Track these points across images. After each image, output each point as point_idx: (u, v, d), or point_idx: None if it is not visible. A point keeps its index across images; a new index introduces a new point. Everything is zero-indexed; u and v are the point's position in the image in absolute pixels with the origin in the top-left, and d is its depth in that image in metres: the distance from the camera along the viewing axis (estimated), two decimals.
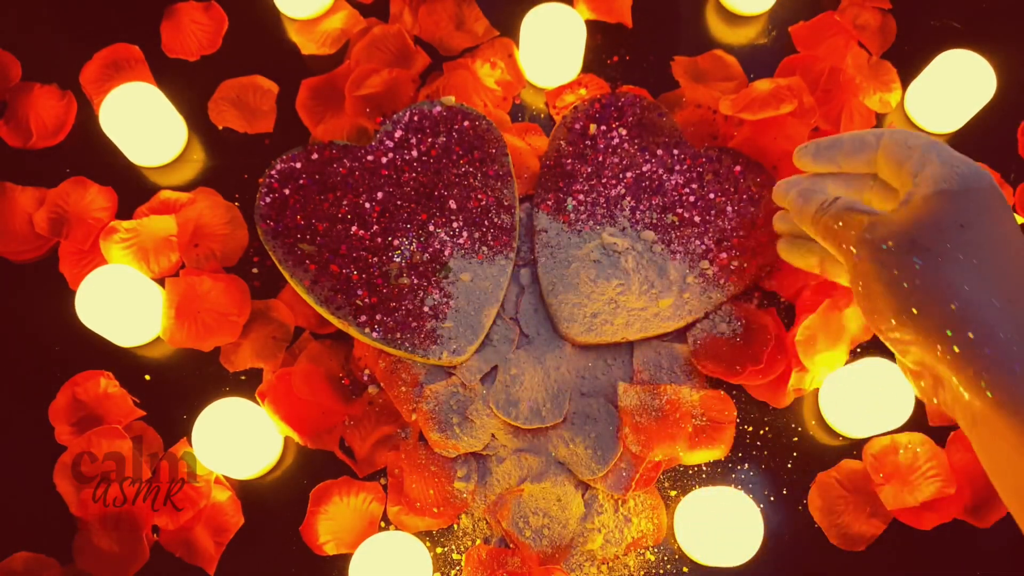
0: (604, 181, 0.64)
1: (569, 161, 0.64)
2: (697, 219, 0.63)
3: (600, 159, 0.64)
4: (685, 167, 0.64)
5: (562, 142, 0.65)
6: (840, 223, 0.48)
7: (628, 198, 0.63)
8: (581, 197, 0.64)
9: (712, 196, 0.64)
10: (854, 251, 0.46)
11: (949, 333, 0.40)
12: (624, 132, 0.65)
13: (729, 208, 0.63)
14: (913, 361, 0.44)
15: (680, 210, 0.63)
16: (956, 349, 0.40)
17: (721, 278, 0.62)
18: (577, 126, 0.66)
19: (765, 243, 0.63)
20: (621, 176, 0.64)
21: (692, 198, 0.63)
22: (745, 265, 0.62)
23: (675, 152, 0.65)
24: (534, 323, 0.65)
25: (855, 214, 0.47)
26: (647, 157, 0.65)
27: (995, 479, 0.43)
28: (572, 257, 0.61)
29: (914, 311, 0.42)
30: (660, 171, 0.64)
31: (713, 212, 0.63)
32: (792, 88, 0.69)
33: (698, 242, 0.63)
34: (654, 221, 0.63)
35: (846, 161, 0.53)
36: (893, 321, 0.43)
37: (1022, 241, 0.43)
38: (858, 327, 0.66)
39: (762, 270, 0.64)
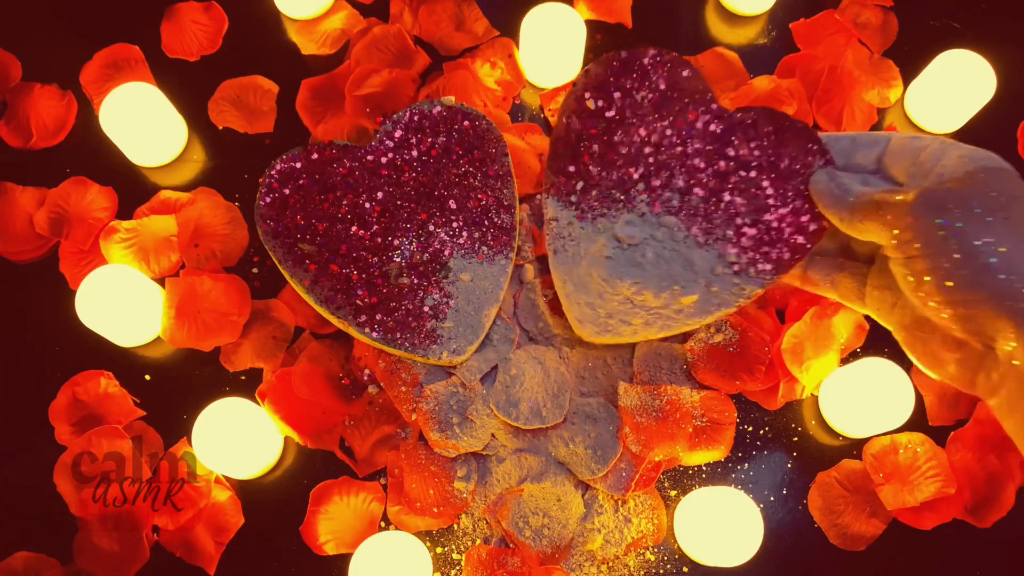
0: (619, 159, 0.54)
1: (578, 138, 0.55)
2: (729, 197, 0.53)
3: (614, 134, 0.54)
4: (715, 135, 0.53)
5: (571, 116, 0.55)
6: (880, 205, 0.44)
7: (647, 177, 0.54)
8: (593, 180, 0.55)
9: (747, 167, 0.53)
10: (895, 233, 0.43)
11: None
12: (647, 97, 0.54)
13: (767, 182, 0.52)
14: (968, 331, 0.42)
15: (707, 187, 0.53)
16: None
17: (757, 265, 0.53)
18: (587, 95, 0.56)
19: (808, 224, 0.52)
20: (639, 152, 0.54)
21: (723, 171, 0.53)
22: (786, 250, 0.52)
23: (704, 118, 0.54)
24: (532, 319, 0.65)
25: (895, 193, 0.44)
26: (670, 127, 0.54)
27: None
28: (583, 252, 0.55)
29: (969, 276, 0.40)
30: (685, 142, 0.53)
31: (749, 186, 0.53)
32: (792, 91, 0.69)
33: (730, 224, 0.53)
34: (678, 203, 0.53)
35: (861, 155, 0.51)
36: (950, 284, 0.40)
37: None
38: (848, 334, 0.66)
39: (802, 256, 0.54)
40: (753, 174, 0.52)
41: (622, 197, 0.54)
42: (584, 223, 0.55)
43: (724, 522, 0.58)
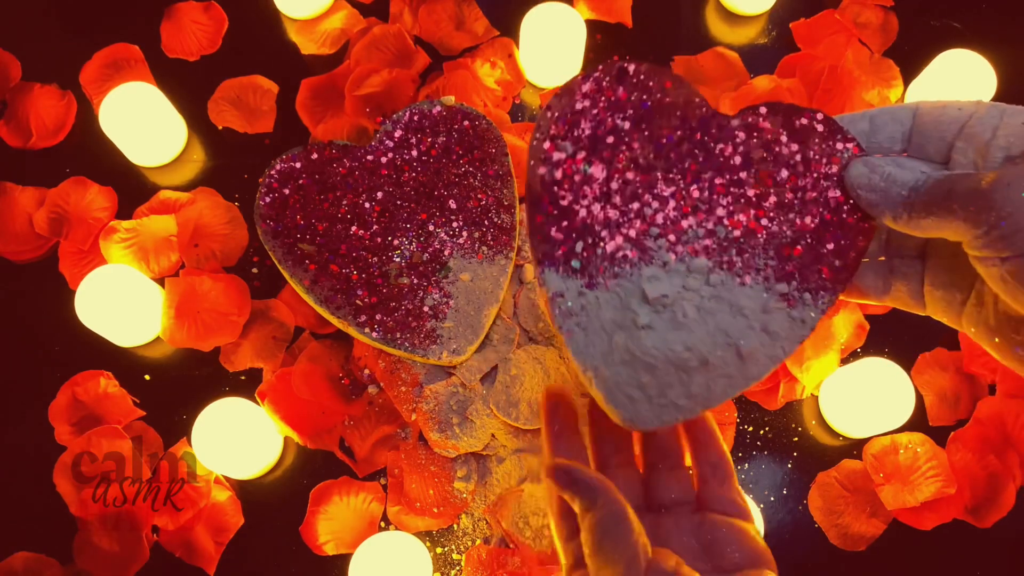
0: (619, 204, 0.44)
1: (557, 188, 0.44)
2: (762, 221, 0.45)
3: (602, 177, 0.44)
4: (724, 152, 0.45)
5: (545, 166, 0.43)
6: (951, 198, 0.36)
7: (659, 218, 0.44)
8: (594, 236, 0.44)
9: (771, 181, 0.45)
10: (977, 231, 0.35)
11: None
12: (630, 120, 0.44)
13: (794, 188, 0.44)
14: None
15: (733, 215, 0.44)
16: None
17: (811, 288, 0.44)
18: (551, 144, 0.45)
19: (855, 226, 0.44)
20: (641, 190, 0.44)
21: (746, 192, 0.45)
22: (838, 262, 0.44)
23: (705, 136, 0.45)
24: (532, 319, 0.65)
25: (965, 179, 0.36)
26: (668, 153, 0.45)
27: None
28: (607, 324, 0.43)
29: None
30: (691, 167, 0.45)
31: (779, 203, 0.45)
32: (792, 92, 0.69)
33: (768, 249, 0.45)
34: (703, 241, 0.44)
35: (884, 136, 0.42)
36: None
37: None
38: (848, 334, 0.66)
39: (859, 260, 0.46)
40: (776, 184, 0.45)
41: (636, 248, 0.44)
42: (598, 290, 0.43)
43: None
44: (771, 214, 0.44)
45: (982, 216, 0.34)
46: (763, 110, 0.45)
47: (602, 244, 0.43)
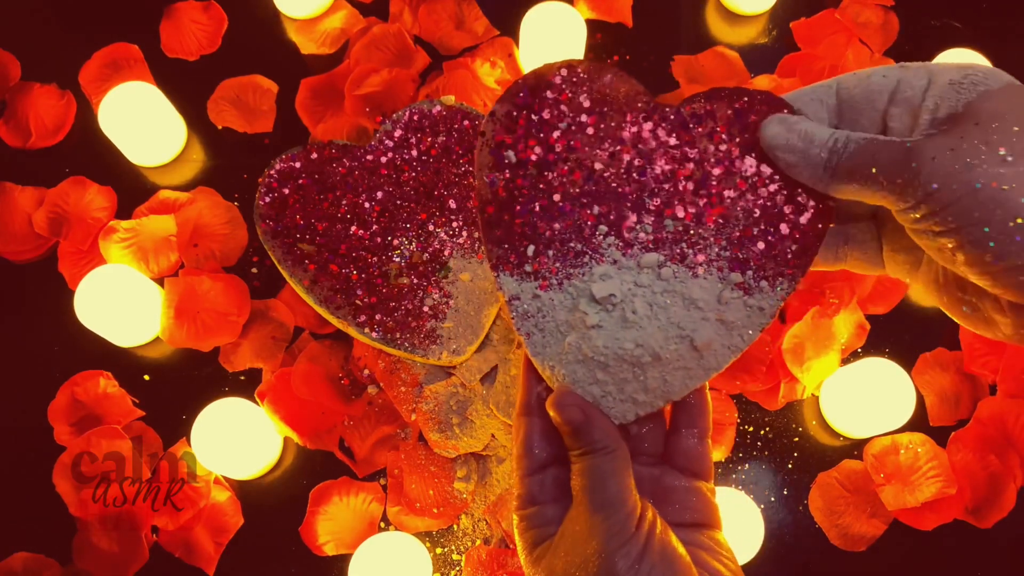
0: (565, 205, 0.44)
1: (509, 195, 0.44)
2: (712, 210, 0.44)
3: (548, 177, 0.44)
4: (668, 142, 0.44)
5: (491, 172, 0.44)
6: (873, 167, 0.34)
7: (606, 215, 0.44)
8: (544, 239, 0.44)
9: (718, 167, 0.43)
10: (901, 204, 0.33)
11: None
12: (574, 121, 0.44)
13: (743, 176, 0.43)
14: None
15: (681, 205, 0.43)
16: None
17: (768, 276, 0.43)
18: (502, 142, 0.45)
19: (808, 203, 0.42)
20: (585, 188, 0.44)
21: (692, 182, 0.43)
22: (794, 246, 0.42)
23: (648, 125, 0.44)
24: None
25: (885, 144, 0.34)
26: (610, 146, 0.44)
27: None
28: (562, 325, 0.43)
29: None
30: (635, 160, 0.44)
31: (728, 190, 0.43)
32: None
33: (720, 237, 0.44)
34: (651, 235, 0.43)
35: (811, 112, 0.40)
36: (989, 259, 0.31)
37: None
38: (849, 334, 0.66)
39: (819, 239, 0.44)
40: (724, 170, 0.43)
41: (586, 249, 0.44)
42: (551, 291, 0.44)
43: (725, 523, 0.58)
44: (722, 203, 0.43)
45: (908, 189, 0.32)
46: (703, 97, 0.44)
47: (553, 246, 0.43)
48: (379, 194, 0.65)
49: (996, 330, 0.35)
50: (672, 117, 0.44)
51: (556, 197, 0.44)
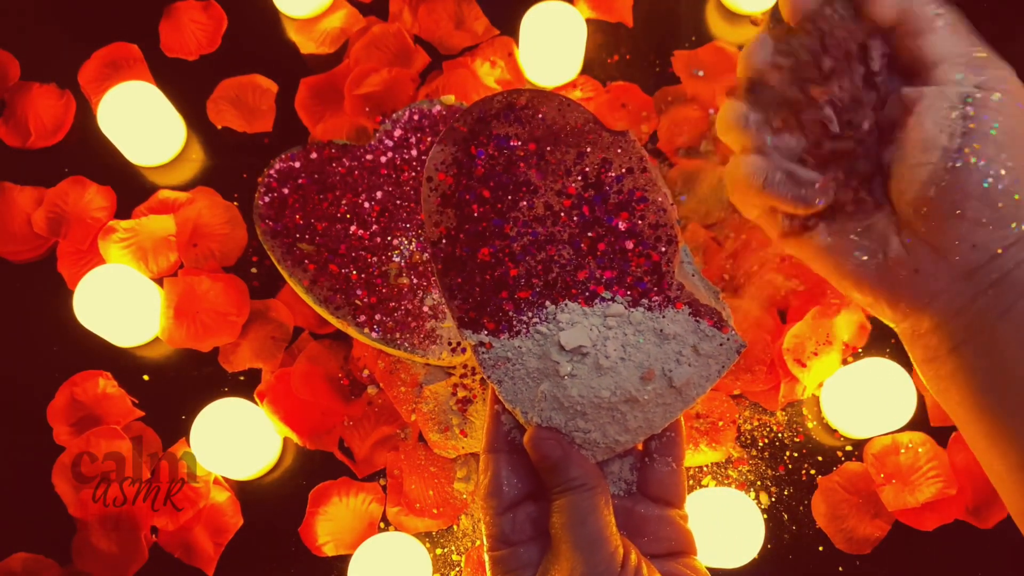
0: (520, 242, 0.41)
1: (460, 254, 0.41)
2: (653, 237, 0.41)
3: (502, 225, 0.41)
4: (611, 183, 0.41)
5: (438, 223, 0.41)
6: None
7: (564, 251, 0.41)
8: (502, 293, 0.41)
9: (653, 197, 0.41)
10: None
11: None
12: (515, 164, 0.41)
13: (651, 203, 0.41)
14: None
15: (628, 240, 0.41)
16: None
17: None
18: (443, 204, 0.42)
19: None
20: (543, 222, 0.41)
21: (638, 210, 0.41)
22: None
23: (580, 158, 0.42)
24: None
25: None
26: (551, 180, 0.41)
27: None
28: (533, 372, 0.40)
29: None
30: (585, 210, 0.41)
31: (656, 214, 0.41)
32: None
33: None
34: (616, 270, 0.41)
35: None
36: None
37: None
38: (850, 334, 0.66)
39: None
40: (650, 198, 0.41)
41: (550, 286, 0.41)
42: (519, 339, 0.41)
43: (725, 523, 0.58)
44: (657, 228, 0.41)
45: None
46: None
47: (515, 297, 0.41)
48: (379, 194, 0.65)
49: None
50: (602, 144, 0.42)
51: (514, 249, 0.41)
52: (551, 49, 0.71)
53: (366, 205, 0.64)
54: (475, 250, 0.41)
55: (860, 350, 0.66)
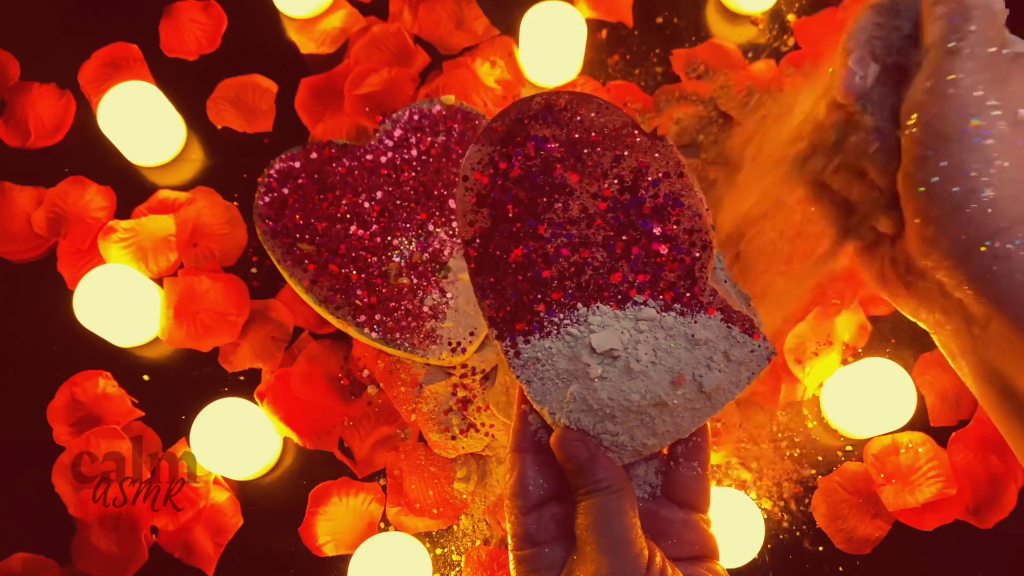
0: (554, 243, 0.41)
1: (495, 254, 0.41)
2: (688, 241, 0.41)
3: (534, 231, 0.41)
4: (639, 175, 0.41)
5: (476, 211, 0.41)
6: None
7: (597, 254, 0.41)
8: (536, 295, 0.41)
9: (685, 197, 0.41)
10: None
11: None
12: (556, 171, 0.41)
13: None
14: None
15: (663, 244, 0.41)
16: None
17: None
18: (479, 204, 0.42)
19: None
20: (578, 224, 0.41)
21: (673, 215, 0.41)
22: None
23: (616, 161, 0.41)
24: None
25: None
26: (587, 183, 0.41)
27: None
28: (563, 374, 0.41)
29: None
30: (611, 193, 0.41)
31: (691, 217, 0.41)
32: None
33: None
34: (649, 273, 0.41)
35: None
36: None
37: None
38: (850, 334, 0.66)
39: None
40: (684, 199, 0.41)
41: (584, 288, 0.41)
42: (549, 339, 0.41)
43: (725, 523, 0.58)
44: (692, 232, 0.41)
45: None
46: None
47: (547, 298, 0.41)
48: (379, 194, 0.65)
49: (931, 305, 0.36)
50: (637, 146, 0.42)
51: (547, 250, 0.41)
52: (551, 49, 0.71)
53: (366, 205, 0.64)
54: (508, 250, 0.41)
55: (860, 350, 0.66)
